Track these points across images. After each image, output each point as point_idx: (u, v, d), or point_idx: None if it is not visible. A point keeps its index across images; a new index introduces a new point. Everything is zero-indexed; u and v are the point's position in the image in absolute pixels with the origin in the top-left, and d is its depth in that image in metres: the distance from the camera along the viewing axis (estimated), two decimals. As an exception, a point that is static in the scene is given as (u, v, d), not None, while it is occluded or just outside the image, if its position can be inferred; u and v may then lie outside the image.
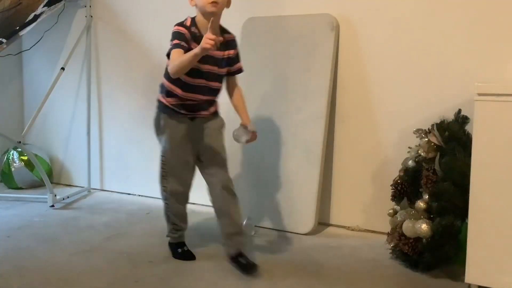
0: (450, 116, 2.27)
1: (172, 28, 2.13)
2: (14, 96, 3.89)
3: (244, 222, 2.38)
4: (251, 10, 2.91)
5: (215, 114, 2.25)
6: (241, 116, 2.18)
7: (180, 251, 2.31)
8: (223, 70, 2.16)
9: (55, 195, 3.17)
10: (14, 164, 3.56)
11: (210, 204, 2.26)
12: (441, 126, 2.22)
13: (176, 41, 2.04)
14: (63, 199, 3.28)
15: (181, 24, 2.11)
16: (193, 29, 2.09)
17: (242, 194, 2.79)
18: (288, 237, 2.59)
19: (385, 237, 2.38)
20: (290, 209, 2.66)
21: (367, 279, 2.09)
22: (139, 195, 3.42)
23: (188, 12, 3.17)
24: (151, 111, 3.35)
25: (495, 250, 1.85)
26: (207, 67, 2.09)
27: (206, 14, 2.06)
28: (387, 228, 2.37)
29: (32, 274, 2.11)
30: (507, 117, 1.81)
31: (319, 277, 2.11)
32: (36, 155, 3.49)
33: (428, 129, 2.26)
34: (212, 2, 2.02)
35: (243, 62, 2.25)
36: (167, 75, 2.15)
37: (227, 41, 2.15)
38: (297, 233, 2.62)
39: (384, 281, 2.08)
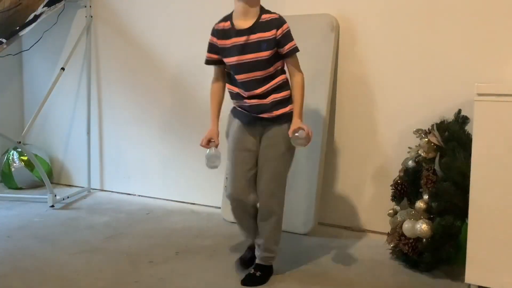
0: (450, 116, 2.27)
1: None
2: (14, 96, 3.89)
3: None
4: (251, 10, 2.90)
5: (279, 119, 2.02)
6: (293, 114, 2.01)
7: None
8: (263, 54, 1.95)
9: (55, 195, 3.17)
10: (14, 164, 3.56)
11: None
12: (441, 126, 2.22)
13: (207, 56, 2.07)
14: (63, 199, 3.28)
15: (213, 29, 2.06)
16: (225, 24, 2.01)
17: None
18: (288, 237, 2.59)
19: (385, 237, 2.38)
20: (290, 209, 2.66)
21: (367, 279, 2.09)
22: (139, 195, 3.42)
23: (187, 11, 3.18)
24: (151, 111, 3.38)
25: (495, 250, 1.85)
26: (237, 58, 1.97)
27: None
28: (387, 228, 2.37)
29: (32, 274, 2.11)
30: (507, 117, 1.81)
31: (319, 277, 2.11)
32: (36, 155, 3.49)
33: (428, 129, 2.26)
34: None
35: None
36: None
37: (262, 22, 1.97)
38: (297, 233, 2.62)
39: (384, 281, 2.08)
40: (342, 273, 2.15)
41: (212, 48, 2.05)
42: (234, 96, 2.08)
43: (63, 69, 3.39)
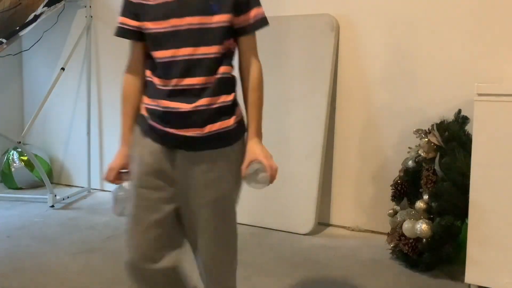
0: (450, 116, 2.27)
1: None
2: (14, 96, 3.89)
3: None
4: (251, 10, 2.91)
5: (228, 137, 1.25)
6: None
7: None
8: (213, 20, 1.19)
9: (55, 195, 3.17)
10: (14, 164, 3.56)
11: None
12: (441, 126, 2.22)
13: (120, 22, 1.30)
14: (63, 199, 3.28)
15: None
16: None
17: (242, 195, 2.80)
18: (288, 237, 2.59)
19: (385, 237, 2.38)
20: (290, 209, 2.66)
21: (367, 279, 2.09)
22: (139, 195, 3.42)
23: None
24: (151, 111, 3.37)
25: (495, 250, 1.85)
26: (169, 23, 1.19)
27: None
28: (387, 228, 2.37)
29: (32, 274, 2.11)
30: (507, 117, 1.81)
31: (319, 277, 2.11)
32: (36, 155, 3.49)
33: (428, 129, 2.26)
34: None
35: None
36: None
37: None
38: (297, 233, 2.62)
39: (384, 281, 2.08)
40: (342, 273, 2.15)
41: (127, 8, 1.28)
42: (149, 90, 1.25)
43: (63, 69, 3.38)
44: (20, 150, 3.53)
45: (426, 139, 2.22)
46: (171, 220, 1.25)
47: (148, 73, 1.26)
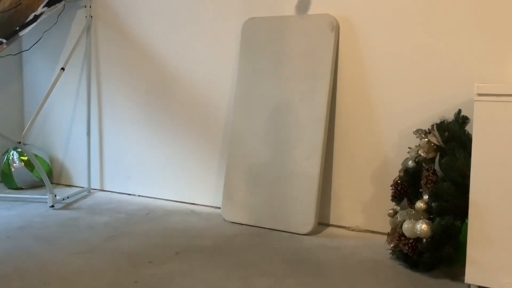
0: (450, 116, 2.27)
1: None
2: (14, 96, 3.89)
3: None
4: (251, 10, 2.91)
5: None
6: None
7: None
8: None
9: (55, 195, 3.17)
10: (14, 164, 3.56)
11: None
12: (441, 126, 2.22)
13: None
14: (63, 199, 3.28)
15: None
16: None
17: (242, 194, 2.80)
18: (288, 237, 2.59)
19: (385, 237, 2.38)
20: (290, 209, 2.67)
21: (367, 279, 2.09)
22: (139, 195, 3.42)
23: (186, 12, 3.18)
24: (151, 111, 3.38)
25: (495, 250, 1.85)
26: None
27: None
28: (387, 228, 2.37)
29: (32, 274, 2.11)
30: (507, 117, 1.81)
31: (319, 277, 2.11)
32: (36, 155, 3.49)
33: (428, 129, 2.26)
34: None
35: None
36: None
37: None
38: (297, 233, 2.62)
39: (384, 282, 2.08)
40: (342, 274, 2.15)
41: None
42: None
43: (63, 69, 3.38)
44: (20, 150, 3.53)
45: (426, 139, 2.22)
46: None
47: None
